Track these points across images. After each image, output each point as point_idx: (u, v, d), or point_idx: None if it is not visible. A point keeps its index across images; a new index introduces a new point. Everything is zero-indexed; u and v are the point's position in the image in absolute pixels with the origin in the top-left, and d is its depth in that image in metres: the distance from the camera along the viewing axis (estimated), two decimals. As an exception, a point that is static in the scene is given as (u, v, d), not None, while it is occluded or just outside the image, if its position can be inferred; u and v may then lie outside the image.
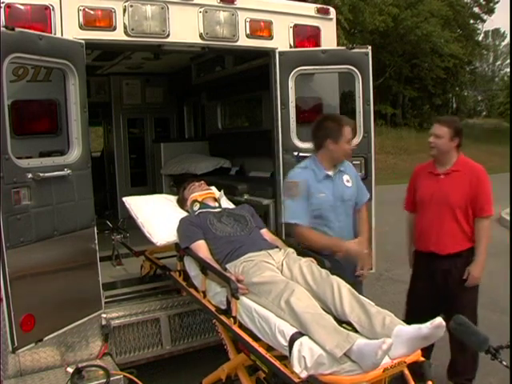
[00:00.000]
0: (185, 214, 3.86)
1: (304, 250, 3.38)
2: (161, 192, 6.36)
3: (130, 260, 4.82)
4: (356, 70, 4.16)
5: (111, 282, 4.26)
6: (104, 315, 3.65)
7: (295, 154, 4.18)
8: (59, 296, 3.25)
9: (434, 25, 27.53)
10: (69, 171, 3.29)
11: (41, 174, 3.11)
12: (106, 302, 3.68)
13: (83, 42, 3.39)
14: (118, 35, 3.56)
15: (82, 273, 3.42)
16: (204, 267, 3.22)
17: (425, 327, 2.38)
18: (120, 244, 4.96)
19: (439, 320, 2.36)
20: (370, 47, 4.19)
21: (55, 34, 3.33)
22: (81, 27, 3.42)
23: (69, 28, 3.37)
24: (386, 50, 28.10)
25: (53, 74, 3.67)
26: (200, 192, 3.93)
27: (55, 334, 3.25)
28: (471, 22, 33.94)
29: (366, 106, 4.20)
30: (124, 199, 4.02)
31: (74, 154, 3.38)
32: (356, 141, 4.12)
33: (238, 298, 2.83)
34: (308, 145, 4.14)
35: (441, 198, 3.66)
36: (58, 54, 3.22)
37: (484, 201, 3.61)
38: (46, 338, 3.20)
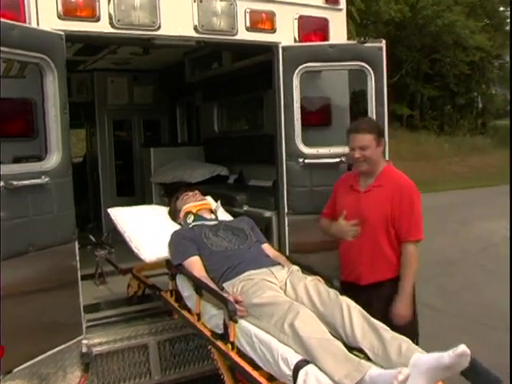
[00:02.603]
0: (177, 226, 3.87)
1: (310, 267, 3.39)
2: (150, 202, 6.36)
3: (116, 279, 4.81)
4: (368, 67, 4.18)
5: (94, 304, 4.25)
6: (85, 341, 3.63)
7: (300, 160, 4.20)
8: (33, 320, 3.23)
9: (457, 13, 27.20)
10: (46, 179, 3.29)
11: (14, 183, 3.11)
12: (87, 327, 3.67)
13: (62, 33, 3.38)
14: (103, 27, 3.57)
15: (60, 293, 3.42)
16: (198, 287, 3.22)
17: (447, 356, 2.37)
18: (104, 261, 4.96)
19: (463, 348, 2.34)
20: (384, 41, 4.22)
21: (30, 23, 3.29)
22: (60, 17, 3.40)
23: (46, 17, 3.35)
24: (403, 44, 28.05)
25: (28, 69, 3.66)
26: (194, 203, 3.95)
27: (27, 364, 3.22)
28: (501, 9, 32.49)
29: (380, 106, 4.22)
30: (109, 210, 4.02)
31: (53, 159, 3.38)
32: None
33: (236, 322, 2.83)
34: (314, 150, 4.15)
35: (358, 217, 3.53)
36: (33, 46, 3.21)
37: (409, 222, 3.44)
38: (17, 370, 3.17)
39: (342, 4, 4.41)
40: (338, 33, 4.38)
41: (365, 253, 3.51)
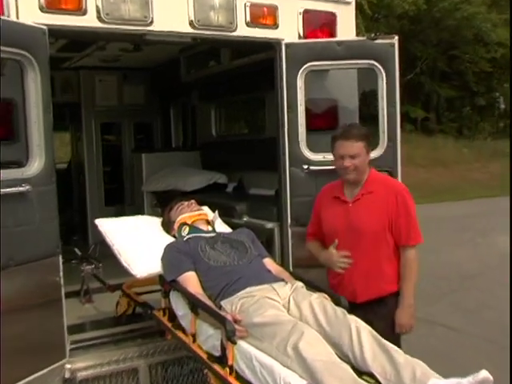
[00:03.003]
0: (171, 239, 3.88)
1: (316, 283, 3.40)
2: (142, 213, 6.37)
3: (103, 296, 4.82)
4: (379, 66, 4.21)
5: (79, 324, 4.25)
6: (68, 366, 3.63)
7: (305, 167, 4.22)
8: (11, 342, 3.20)
9: (477, 5, 27.08)
10: (28, 187, 3.30)
11: (-9, 191, 3.12)
12: (71, 349, 3.67)
13: (45, 27, 3.40)
14: (90, 21, 3.58)
15: (42, 312, 3.42)
16: (194, 304, 3.23)
17: (466, 382, 2.37)
18: (91, 276, 4.96)
19: (484, 374, 2.34)
20: (396, 37, 4.25)
21: (9, 16, 3.28)
22: (42, 9, 3.41)
23: (27, 10, 3.35)
24: (417, 39, 28.05)
25: (7, 66, 3.66)
26: (190, 213, 3.96)
27: (4, 391, 3.22)
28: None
29: (392, 108, 4.25)
30: (96, 221, 4.04)
31: (35, 165, 3.40)
32: (379, 152, 4.15)
33: (235, 343, 2.84)
34: (320, 156, 4.17)
35: (350, 230, 3.53)
36: (12, 41, 3.20)
37: (408, 225, 3.50)
38: (-8, 398, 3.17)
39: (351, -4, 4.45)
40: (347, 28, 4.42)
41: (359, 268, 3.53)
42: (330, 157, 4.16)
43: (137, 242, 3.86)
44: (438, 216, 13.35)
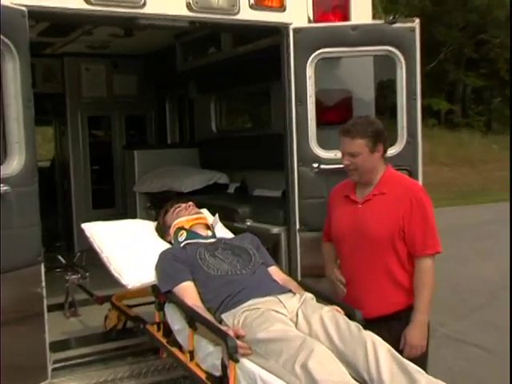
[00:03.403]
0: (166, 245, 3.89)
1: (327, 295, 3.40)
2: (134, 216, 6.40)
3: (90, 309, 4.83)
4: (398, 53, 4.22)
5: (62, 341, 4.26)
6: (51, 387, 3.64)
7: (315, 166, 4.22)
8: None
9: (511, -18, 27.06)
10: (6, 187, 3.31)
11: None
12: (53, 369, 3.68)
13: (25, 9, 3.40)
14: (75, 2, 3.58)
15: (21, 328, 3.43)
16: (192, 318, 3.23)
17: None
18: (76, 287, 4.97)
19: None
20: (417, 20, 4.26)
21: None
22: None
23: (3, -12, 3.32)
24: (442, 22, 27.90)
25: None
26: (187, 216, 3.96)
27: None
28: None
29: (412, 100, 4.25)
30: (83, 226, 4.04)
31: (14, 164, 3.41)
32: (397, 149, 4.15)
33: (237, 361, 2.83)
34: (332, 154, 4.17)
35: (357, 234, 3.52)
36: None
37: (425, 232, 3.45)
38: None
39: (367, -25, 4.47)
40: (362, 11, 4.43)
41: (370, 278, 3.52)
42: (342, 154, 4.17)
43: (128, 248, 3.87)
44: (462, 221, 13.33)
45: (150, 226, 4.21)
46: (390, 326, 3.47)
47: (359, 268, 3.56)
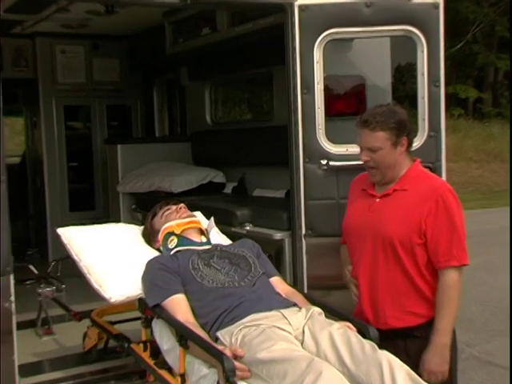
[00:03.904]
0: (155, 253, 3.90)
1: (337, 309, 3.40)
2: (117, 220, 6.40)
3: (67, 326, 4.83)
4: (418, 33, 4.22)
5: (34, 363, 4.27)
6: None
7: (323, 162, 4.23)
8: None
9: None
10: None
11: None
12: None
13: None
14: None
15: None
16: (183, 336, 3.23)
17: None
18: (50, 301, 4.97)
19: None
20: (442, -5, 4.27)
21: None
22: None
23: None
24: (470, -3, 27.83)
25: None
26: (178, 220, 3.96)
27: None
28: None
29: (434, 87, 4.26)
30: (59, 231, 4.04)
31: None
32: (417, 143, 4.15)
33: (234, 385, 2.85)
34: (343, 149, 4.18)
35: (371, 232, 3.51)
36: None
37: (450, 241, 3.39)
38: None
39: None
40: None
41: (384, 283, 3.49)
42: (354, 149, 4.16)
43: (110, 257, 3.86)
44: (492, 225, 13.29)
45: (135, 231, 4.21)
46: (408, 345, 3.46)
47: (374, 271, 3.53)
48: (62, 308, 4.90)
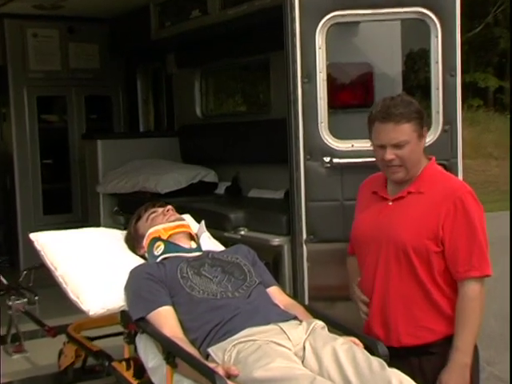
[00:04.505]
0: (139, 260, 3.90)
1: (341, 323, 3.41)
2: (97, 224, 6.40)
3: (40, 343, 4.83)
4: (432, 15, 4.23)
5: None
6: None
7: (326, 160, 4.24)
8: None
9: None
10: None
11: None
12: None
13: None
14: None
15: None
16: (171, 353, 3.24)
17: None
18: (22, 315, 4.96)
19: None
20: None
21: None
22: None
23: None
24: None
25: None
26: (165, 224, 3.96)
27: None
28: None
29: (450, 76, 4.26)
30: (32, 236, 4.04)
31: None
32: (431, 138, 4.16)
33: (227, 407, 2.85)
34: (348, 145, 4.19)
35: (383, 239, 3.50)
36: None
37: (470, 249, 3.38)
38: None
39: None
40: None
41: (399, 295, 3.48)
42: (361, 145, 4.20)
43: (90, 265, 3.86)
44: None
45: (117, 236, 4.21)
46: (423, 363, 3.46)
47: (386, 282, 3.51)
48: (34, 322, 4.89)
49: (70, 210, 7.90)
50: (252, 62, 7.21)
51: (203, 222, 4.24)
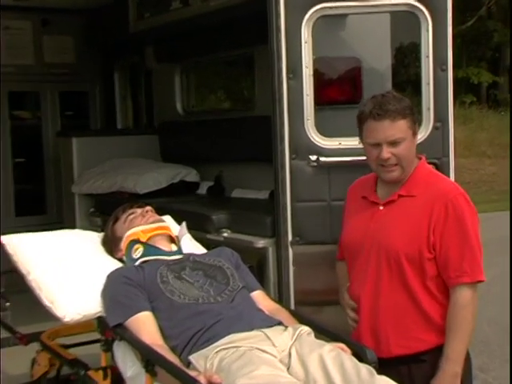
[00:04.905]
0: (117, 264, 3.90)
1: (329, 329, 3.43)
2: (73, 226, 6.38)
3: (12, 351, 4.80)
4: (422, 7, 4.24)
5: None
6: None
7: (313, 158, 4.26)
8: None
9: None
10: None
11: None
12: None
13: None
14: None
15: None
16: (149, 361, 3.24)
17: None
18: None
19: None
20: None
21: None
22: None
23: None
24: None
25: None
26: (144, 226, 3.96)
27: None
28: None
29: (441, 71, 4.29)
30: (3, 239, 4.03)
31: None
32: (421, 136, 4.17)
33: (210, 417, 2.86)
34: (335, 143, 4.20)
35: (374, 246, 3.50)
36: None
37: (462, 254, 3.39)
38: None
39: None
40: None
41: (389, 304, 3.50)
42: (349, 143, 4.21)
43: (65, 269, 3.84)
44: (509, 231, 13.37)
45: (94, 238, 4.20)
46: (413, 371, 3.47)
47: (376, 291, 3.53)
48: (5, 330, 4.87)
49: (43, 211, 7.88)
50: (235, 57, 7.21)
51: (184, 223, 4.24)
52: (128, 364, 3.48)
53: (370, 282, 3.53)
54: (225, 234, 5.29)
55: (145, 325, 3.40)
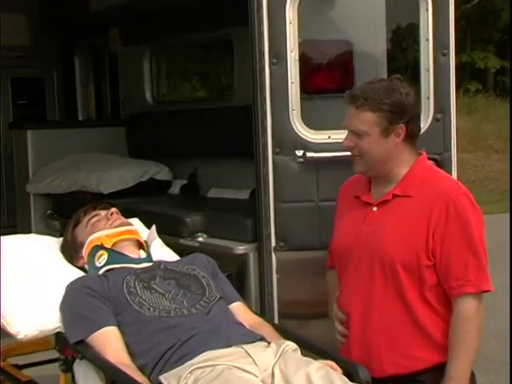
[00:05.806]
0: (79, 273, 3.89)
1: (316, 344, 3.44)
2: (28, 229, 6.37)
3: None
4: (422, -15, 4.28)
5: None
6: None
7: (299, 153, 4.27)
8: None
9: None
10: None
11: None
12: None
13: None
14: None
15: None
16: (115, 382, 3.24)
17: None
18: None
19: None
20: None
21: None
22: None
23: None
24: None
25: None
26: (109, 230, 3.97)
27: None
28: None
29: (441, 56, 4.32)
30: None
31: None
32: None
33: None
34: (324, 136, 4.22)
35: (367, 251, 3.52)
36: None
37: (465, 261, 3.38)
38: None
39: None
40: None
41: (379, 318, 3.50)
42: (339, 136, 4.18)
43: (18, 279, 3.84)
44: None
45: (51, 244, 4.20)
46: None
47: (368, 303, 3.53)
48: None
49: None
50: (212, 39, 7.19)
51: (154, 227, 4.24)
52: (90, 385, 3.48)
53: (361, 291, 3.53)
54: (200, 239, 5.29)
55: (109, 341, 3.39)
